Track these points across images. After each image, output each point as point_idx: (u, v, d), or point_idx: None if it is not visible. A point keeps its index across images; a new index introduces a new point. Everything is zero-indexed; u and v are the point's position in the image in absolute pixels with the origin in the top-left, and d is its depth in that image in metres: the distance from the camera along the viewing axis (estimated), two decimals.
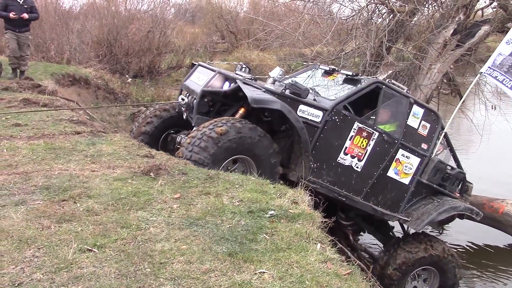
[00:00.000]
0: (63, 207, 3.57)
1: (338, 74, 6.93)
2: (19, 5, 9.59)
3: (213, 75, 5.98)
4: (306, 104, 5.77)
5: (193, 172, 4.60)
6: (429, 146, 6.63)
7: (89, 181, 4.11)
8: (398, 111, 6.41)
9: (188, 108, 6.07)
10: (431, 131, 6.63)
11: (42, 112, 6.60)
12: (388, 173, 6.36)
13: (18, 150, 4.92)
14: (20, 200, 3.64)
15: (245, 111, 5.71)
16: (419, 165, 6.55)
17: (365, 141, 6.08)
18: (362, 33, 9.85)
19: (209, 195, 4.07)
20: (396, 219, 6.56)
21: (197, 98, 5.79)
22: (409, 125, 6.43)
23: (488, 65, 7.43)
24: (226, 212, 3.77)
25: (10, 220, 3.29)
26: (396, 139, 6.28)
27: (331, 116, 5.82)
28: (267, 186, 4.49)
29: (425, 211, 6.48)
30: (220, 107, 5.94)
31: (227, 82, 5.87)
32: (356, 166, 6.11)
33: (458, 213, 6.70)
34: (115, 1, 18.18)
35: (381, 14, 10.57)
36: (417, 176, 6.56)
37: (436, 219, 6.43)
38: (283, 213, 3.88)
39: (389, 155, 6.28)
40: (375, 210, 6.36)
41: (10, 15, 9.49)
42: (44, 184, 3.97)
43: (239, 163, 5.42)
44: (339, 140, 5.95)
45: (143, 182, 4.21)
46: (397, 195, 6.52)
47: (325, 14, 10.92)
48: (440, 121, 6.78)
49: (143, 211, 3.64)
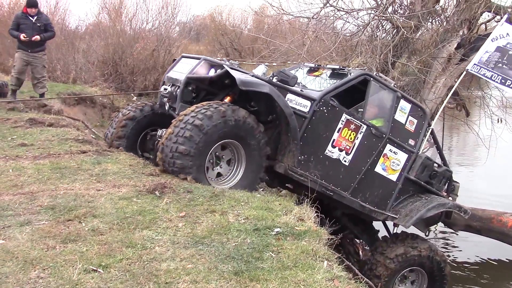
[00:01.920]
0: (68, 227, 3.56)
1: (324, 69, 6.82)
2: (31, 24, 9.19)
3: (198, 62, 5.81)
4: (294, 93, 5.64)
5: (198, 190, 4.59)
6: (416, 142, 6.54)
7: (95, 201, 4.10)
8: (385, 105, 6.32)
9: (171, 98, 5.85)
10: (418, 127, 6.55)
11: (48, 132, 6.62)
12: (376, 168, 6.26)
13: (23, 170, 4.93)
14: (25, 221, 3.63)
15: (231, 99, 5.56)
16: (407, 161, 6.47)
17: (353, 134, 5.98)
18: (367, 49, 9.87)
19: (214, 213, 4.05)
20: (384, 217, 6.44)
21: (181, 85, 5.59)
22: (396, 120, 6.35)
23: (474, 62, 7.43)
24: (231, 230, 3.74)
25: (15, 241, 3.28)
26: (384, 133, 6.19)
27: (319, 107, 5.71)
28: (273, 203, 4.46)
29: (414, 208, 6.37)
30: (204, 96, 5.74)
31: (213, 69, 5.69)
32: (344, 160, 5.99)
33: (446, 210, 6.61)
34: (121, 20, 18.39)
35: (386, 30, 10.61)
36: (404, 172, 6.45)
37: (425, 216, 6.31)
38: (289, 230, 3.85)
39: (377, 150, 6.19)
40: (363, 206, 6.22)
41: (21, 37, 9.13)
42: (49, 204, 3.96)
43: (227, 150, 5.31)
44: (327, 132, 5.84)
45: (148, 201, 4.20)
46: (384, 192, 6.41)
47: (330, 30, 10.97)
48: (427, 117, 6.70)
49: (148, 230, 3.62)
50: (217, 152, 5.24)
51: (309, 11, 10.87)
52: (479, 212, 9.07)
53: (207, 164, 5.12)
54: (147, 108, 6.46)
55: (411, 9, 10.25)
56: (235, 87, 5.33)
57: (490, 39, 7.52)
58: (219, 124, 4.97)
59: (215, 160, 5.31)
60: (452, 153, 16.52)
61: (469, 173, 14.10)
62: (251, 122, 5.22)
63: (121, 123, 6.37)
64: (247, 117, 5.19)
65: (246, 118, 5.17)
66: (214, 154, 5.21)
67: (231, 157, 5.35)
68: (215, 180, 5.28)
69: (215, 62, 5.81)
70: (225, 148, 5.31)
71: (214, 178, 5.30)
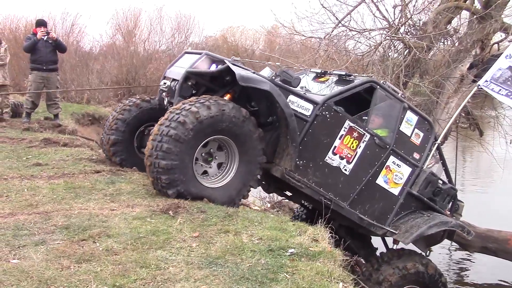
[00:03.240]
0: (83, 247, 3.56)
1: (330, 76, 6.62)
2: (43, 42, 9.48)
3: (200, 56, 5.67)
4: (297, 95, 5.44)
5: (212, 210, 4.58)
6: (421, 156, 6.30)
7: (109, 220, 4.11)
8: (391, 115, 6.13)
9: (170, 92, 5.69)
10: (424, 141, 6.33)
11: (62, 152, 6.67)
12: (377, 180, 6.03)
13: (38, 190, 4.96)
14: (40, 240, 3.64)
15: (231, 97, 5.39)
16: (410, 175, 6.22)
17: (356, 142, 5.77)
18: (378, 69, 9.89)
19: (228, 233, 4.03)
20: (383, 231, 6.18)
21: (180, 79, 5.41)
22: (401, 132, 6.15)
23: (486, 79, 7.34)
24: (245, 250, 3.72)
25: (30, 261, 3.28)
26: (387, 144, 5.98)
27: (321, 111, 5.52)
28: (287, 224, 4.44)
29: (414, 224, 6.13)
30: (204, 92, 5.53)
31: (214, 65, 5.54)
32: (345, 169, 5.77)
33: (448, 229, 6.36)
34: (134, 42, 18.65)
35: (397, 50, 10.63)
36: (407, 187, 6.23)
37: (426, 233, 6.05)
38: (303, 251, 3.82)
39: (380, 161, 5.96)
40: (362, 219, 5.99)
41: (38, 34, 9.39)
42: (64, 224, 3.98)
43: (222, 149, 5.15)
44: (328, 137, 5.64)
45: (162, 221, 4.19)
46: (385, 206, 6.17)
47: (341, 50, 11.02)
48: (434, 131, 6.50)
49: (162, 250, 3.61)
50: (211, 149, 5.08)
51: (321, 31, 10.97)
52: (494, 233, 8.92)
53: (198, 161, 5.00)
54: (144, 103, 6.30)
55: (423, 29, 10.27)
56: (236, 84, 5.20)
57: (504, 56, 7.45)
58: (215, 116, 4.79)
59: (206, 158, 5.11)
60: (466, 173, 16.35)
61: (483, 194, 13.94)
62: (250, 125, 5.04)
63: (116, 117, 6.22)
64: (247, 118, 5.02)
65: (246, 119, 5.00)
66: (201, 153, 5.03)
67: (224, 160, 5.17)
68: (202, 177, 5.05)
69: (216, 57, 5.69)
70: (221, 148, 5.15)
71: (201, 175, 5.07)
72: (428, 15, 10.48)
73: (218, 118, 4.83)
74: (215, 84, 5.54)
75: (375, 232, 6.22)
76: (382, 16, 10.42)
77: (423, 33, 9.96)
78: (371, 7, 10.36)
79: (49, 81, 9.70)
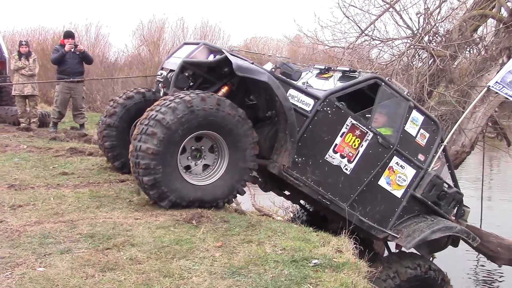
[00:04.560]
0: (107, 255, 3.59)
1: (334, 72, 6.34)
2: (70, 53, 9.72)
3: (197, 46, 5.47)
4: (297, 89, 5.23)
5: (234, 219, 4.58)
6: (426, 158, 6.06)
7: (133, 229, 4.14)
8: (396, 114, 5.89)
9: (166, 83, 5.48)
10: (429, 142, 6.09)
11: (88, 161, 6.76)
12: (380, 181, 5.80)
13: (64, 198, 5.02)
14: (65, 248, 3.68)
15: (229, 89, 5.21)
16: (414, 177, 5.99)
17: (358, 141, 5.55)
18: (402, 78, 9.79)
19: (251, 243, 4.02)
20: (384, 235, 5.92)
21: (176, 69, 5.19)
22: (406, 131, 5.92)
23: (496, 80, 7.11)
24: (269, 261, 3.70)
25: (56, 269, 3.32)
26: (391, 143, 5.75)
27: (323, 107, 5.30)
28: (310, 234, 4.42)
29: (417, 228, 5.87)
30: (200, 83, 5.33)
31: (212, 55, 5.31)
32: (345, 168, 5.55)
33: (453, 234, 6.08)
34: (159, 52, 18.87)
35: (422, 59, 10.52)
36: (410, 190, 6.00)
37: (429, 238, 5.79)
38: (327, 262, 3.78)
39: (382, 161, 5.73)
40: (362, 221, 5.74)
41: (66, 45, 9.64)
42: (89, 232, 4.02)
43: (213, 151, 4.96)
44: (329, 135, 5.42)
45: (185, 230, 4.21)
46: (387, 209, 5.92)
47: (364, 59, 10.96)
48: (440, 133, 6.26)
49: (185, 259, 3.62)
50: (203, 146, 4.92)
51: (344, 40, 10.94)
52: None
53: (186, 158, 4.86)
54: (139, 95, 6.15)
55: (448, 38, 10.15)
56: (234, 76, 5.07)
57: None
58: (185, 116, 4.53)
59: (195, 154, 4.94)
60: (493, 184, 16.03)
61: None
62: (245, 125, 4.83)
63: (109, 112, 6.08)
64: (243, 118, 4.82)
65: (241, 119, 4.79)
66: (191, 147, 4.87)
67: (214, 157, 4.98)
68: (188, 174, 4.88)
69: (215, 47, 5.52)
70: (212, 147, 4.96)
71: (187, 172, 4.90)
72: (453, 23, 10.36)
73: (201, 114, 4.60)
74: (212, 75, 5.34)
75: (376, 235, 5.97)
76: (405, 25, 10.34)
77: (447, 41, 9.85)
78: (394, 16, 10.30)
79: (75, 92, 9.91)
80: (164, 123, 4.47)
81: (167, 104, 4.56)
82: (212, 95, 4.77)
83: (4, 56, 12.05)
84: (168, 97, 4.69)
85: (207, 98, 4.64)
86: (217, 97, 4.77)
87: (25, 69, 10.42)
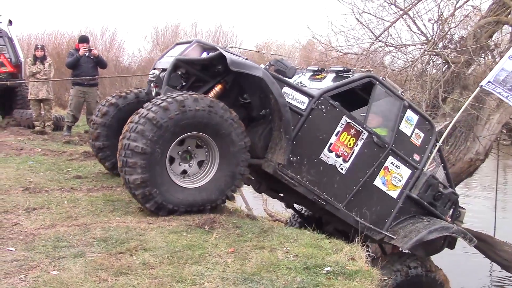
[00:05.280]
0: (120, 260, 3.60)
1: (328, 73, 6.22)
2: (85, 57, 9.87)
3: (190, 44, 5.43)
4: (291, 87, 5.19)
5: (247, 225, 4.58)
6: (421, 158, 6.01)
7: (145, 234, 4.15)
8: (390, 113, 5.84)
9: (158, 82, 5.40)
10: (424, 142, 6.04)
11: (101, 165, 6.80)
12: (375, 181, 5.74)
13: (78, 202, 5.06)
14: (79, 252, 3.70)
15: (222, 88, 5.14)
16: (410, 177, 5.94)
17: (353, 140, 5.49)
18: (416, 85, 9.74)
19: (263, 250, 4.01)
20: (380, 236, 5.83)
21: (168, 68, 5.09)
22: (401, 131, 5.86)
23: (489, 79, 6.97)
24: (281, 267, 3.69)
25: (69, 272, 3.34)
26: (386, 143, 5.70)
27: (317, 105, 5.26)
28: (323, 241, 4.39)
29: (414, 229, 5.80)
30: (194, 82, 5.24)
31: (205, 52, 5.26)
32: (341, 168, 5.49)
33: (449, 234, 5.99)
34: None
35: (436, 65, 10.46)
36: (406, 190, 5.92)
37: (426, 238, 5.71)
38: (340, 269, 3.76)
39: (378, 161, 5.68)
40: (358, 222, 5.65)
41: (80, 50, 9.78)
42: (102, 236, 4.04)
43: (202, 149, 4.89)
44: (324, 133, 5.37)
45: (197, 235, 4.21)
46: (383, 209, 5.85)
47: (378, 66, 10.92)
48: (435, 133, 6.20)
49: (198, 265, 3.62)
50: (191, 148, 4.85)
51: (358, 46, 10.91)
52: None
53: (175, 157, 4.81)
54: (132, 95, 6.12)
55: (462, 44, 10.09)
56: (228, 74, 5.03)
57: (507, 56, 7.10)
58: (177, 116, 4.47)
59: (185, 156, 4.88)
60: (508, 192, 15.85)
61: None
62: (237, 128, 4.75)
63: (101, 111, 6.05)
64: (236, 121, 4.74)
65: (234, 122, 4.72)
66: (180, 150, 4.82)
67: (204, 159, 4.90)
68: (178, 177, 4.81)
69: (208, 44, 5.50)
70: (201, 147, 4.89)
71: (179, 175, 4.84)
72: (467, 29, 10.29)
73: None
74: (206, 74, 5.24)
75: (372, 236, 5.86)
76: (419, 31, 10.29)
77: (462, 47, 9.78)
78: (408, 22, 10.26)
79: (89, 96, 9.99)
80: (155, 121, 4.42)
81: (158, 103, 4.51)
82: (205, 96, 4.72)
83: (20, 60, 12.23)
84: (160, 97, 4.64)
85: (200, 99, 4.60)
86: (210, 98, 4.72)
87: (40, 73, 10.54)
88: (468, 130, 9.40)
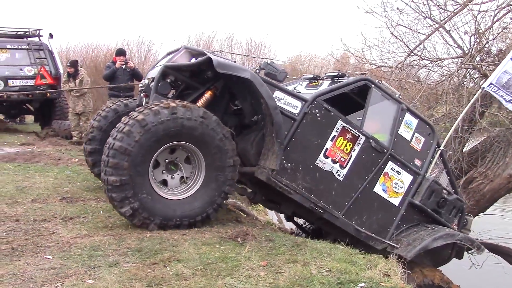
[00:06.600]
0: (154, 270, 3.63)
1: (324, 80, 6.04)
2: (121, 70, 10.14)
3: (178, 50, 5.33)
4: (283, 91, 5.02)
5: (280, 238, 4.56)
6: (423, 163, 5.78)
7: (179, 245, 4.17)
8: (388, 117, 5.64)
9: (147, 91, 5.28)
10: (425, 146, 5.82)
11: None
12: (375, 188, 5.52)
13: (113, 212, 5.12)
14: (114, 262, 3.75)
15: (212, 94, 5.02)
16: (411, 184, 5.72)
17: (350, 145, 5.29)
18: (452, 98, 9.56)
19: (296, 264, 3.98)
20: (383, 246, 5.57)
21: (156, 75, 4.98)
22: (400, 135, 5.65)
23: (491, 81, 6.71)
24: (314, 282, 3.64)
25: (104, 282, 3.38)
26: (385, 148, 5.50)
27: (311, 109, 5.09)
28: (357, 256, 4.33)
29: (418, 237, 5.56)
30: (183, 90, 5.15)
31: (194, 59, 5.12)
32: (338, 174, 5.29)
33: (456, 242, 5.71)
34: None
35: (473, 79, 10.25)
36: (408, 197, 5.69)
37: (430, 246, 5.45)
38: (374, 286, 3.69)
39: (377, 167, 5.47)
40: (359, 231, 5.43)
41: (117, 63, 10.07)
42: (136, 247, 4.08)
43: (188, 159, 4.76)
44: (319, 138, 5.17)
45: (230, 248, 4.21)
46: (384, 218, 5.63)
47: (413, 79, 10.78)
48: (436, 137, 5.95)
49: (230, 277, 3.61)
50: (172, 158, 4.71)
51: (392, 60, 10.80)
52: None
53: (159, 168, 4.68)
54: (133, 104, 6.05)
55: (500, 57, 9.86)
56: (218, 80, 4.94)
57: (509, 57, 6.83)
58: (167, 122, 4.37)
59: (170, 167, 4.75)
60: None
61: None
62: (227, 141, 4.62)
63: (92, 125, 6.03)
64: (225, 134, 4.62)
65: (224, 137, 4.59)
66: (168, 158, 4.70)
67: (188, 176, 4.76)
68: (158, 185, 4.66)
69: (196, 50, 5.39)
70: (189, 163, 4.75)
71: (161, 185, 4.71)
72: (506, 42, 10.07)
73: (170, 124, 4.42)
74: (195, 80, 5.14)
75: (374, 246, 5.60)
76: (456, 44, 10.12)
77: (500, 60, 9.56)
78: (444, 35, 10.09)
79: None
80: (143, 124, 4.34)
81: (151, 107, 4.46)
82: (199, 107, 4.65)
83: (59, 72, 12.61)
84: (153, 102, 4.56)
85: (193, 109, 4.52)
86: (204, 110, 4.62)
87: (73, 91, 10.92)
88: (507, 145, 9.15)
